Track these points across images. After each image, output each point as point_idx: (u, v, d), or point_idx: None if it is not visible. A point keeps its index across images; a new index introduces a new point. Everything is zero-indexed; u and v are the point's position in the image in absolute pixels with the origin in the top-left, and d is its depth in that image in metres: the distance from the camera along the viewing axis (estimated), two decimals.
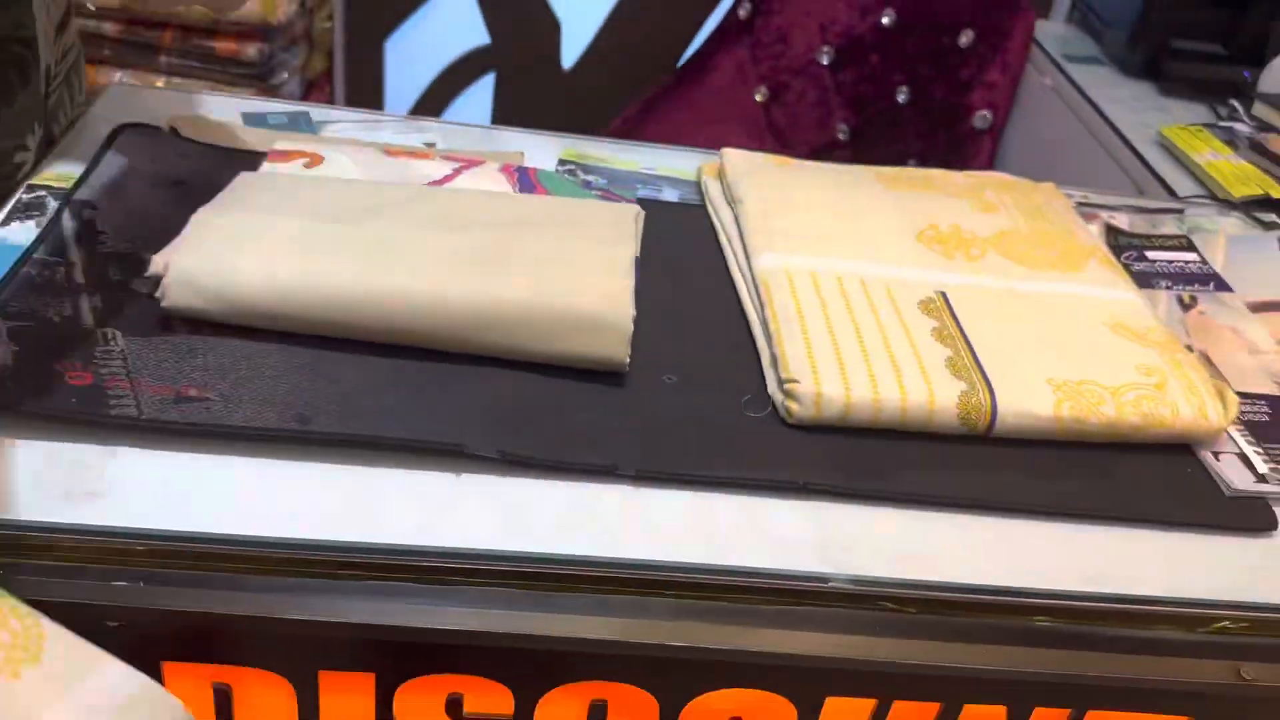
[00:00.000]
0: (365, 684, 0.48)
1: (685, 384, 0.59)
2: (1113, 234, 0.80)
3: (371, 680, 0.48)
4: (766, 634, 0.49)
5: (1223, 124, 1.01)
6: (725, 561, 0.50)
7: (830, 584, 0.50)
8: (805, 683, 0.50)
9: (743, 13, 1.35)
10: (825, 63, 1.32)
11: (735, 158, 0.78)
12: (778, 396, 0.58)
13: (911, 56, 1.28)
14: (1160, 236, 0.80)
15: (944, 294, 0.66)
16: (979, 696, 0.51)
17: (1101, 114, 1.05)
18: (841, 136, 1.35)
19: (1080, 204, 0.84)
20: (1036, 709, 0.52)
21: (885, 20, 1.28)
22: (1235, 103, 1.05)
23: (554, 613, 0.48)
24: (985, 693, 0.51)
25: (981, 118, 1.25)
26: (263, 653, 0.47)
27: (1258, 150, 0.95)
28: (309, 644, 0.47)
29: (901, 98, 1.30)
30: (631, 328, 0.58)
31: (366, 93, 1.60)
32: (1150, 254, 0.78)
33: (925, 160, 1.29)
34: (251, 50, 1.28)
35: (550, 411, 0.55)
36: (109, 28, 1.26)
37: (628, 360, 0.58)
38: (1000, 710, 0.52)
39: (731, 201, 0.74)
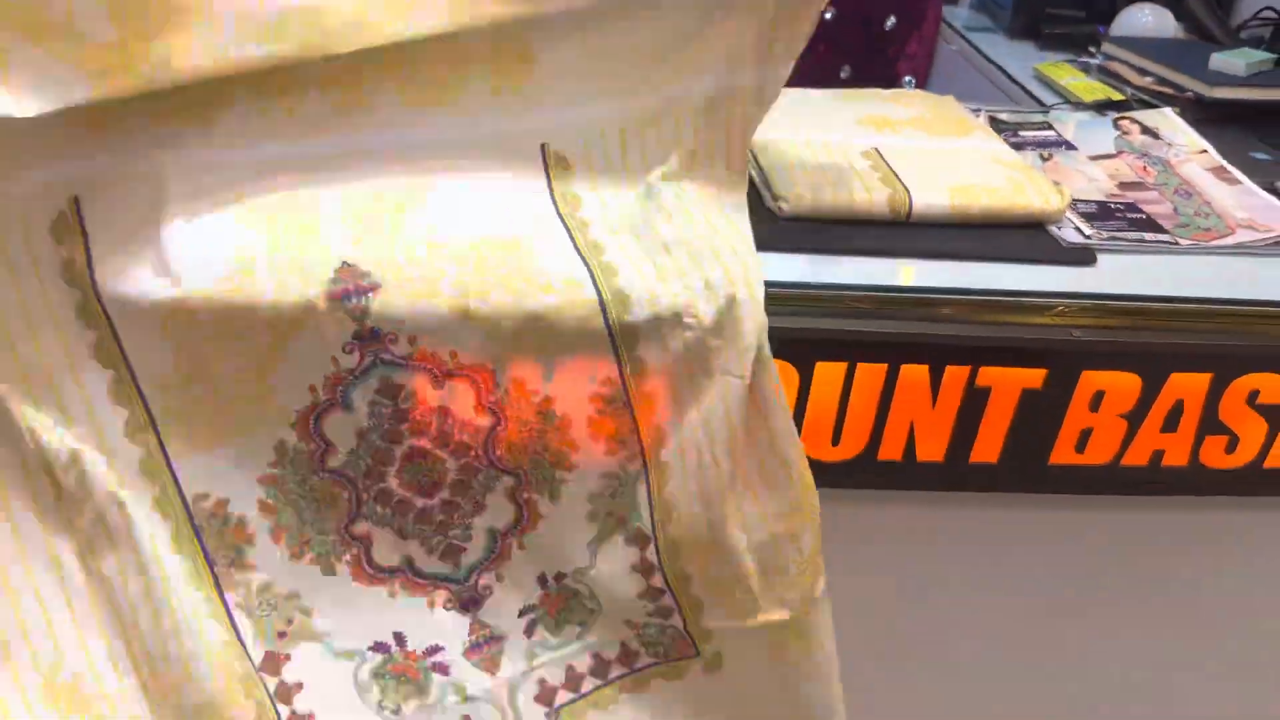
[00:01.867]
0: None
1: None
2: (995, 123, 1.13)
3: None
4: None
5: (1081, 60, 1.36)
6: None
7: (808, 288, 0.82)
8: (800, 353, 0.81)
9: None
10: None
11: None
12: (771, 203, 0.90)
13: (850, 42, 1.63)
14: (1029, 123, 1.13)
15: (876, 148, 0.98)
16: (915, 358, 0.83)
17: (993, 62, 1.39)
18: None
19: (973, 109, 1.17)
20: (948, 366, 0.83)
21: (828, 15, 1.63)
22: (1093, 49, 1.40)
23: None
24: (920, 356, 0.83)
25: (907, 82, 1.59)
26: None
27: (1104, 73, 1.29)
28: None
29: (844, 75, 1.64)
30: None
31: None
32: (1021, 132, 1.11)
33: None
34: None
35: None
36: None
37: None
38: (923, 369, 0.83)
39: None
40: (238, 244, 0.65)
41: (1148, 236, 0.93)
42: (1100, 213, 0.96)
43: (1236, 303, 0.87)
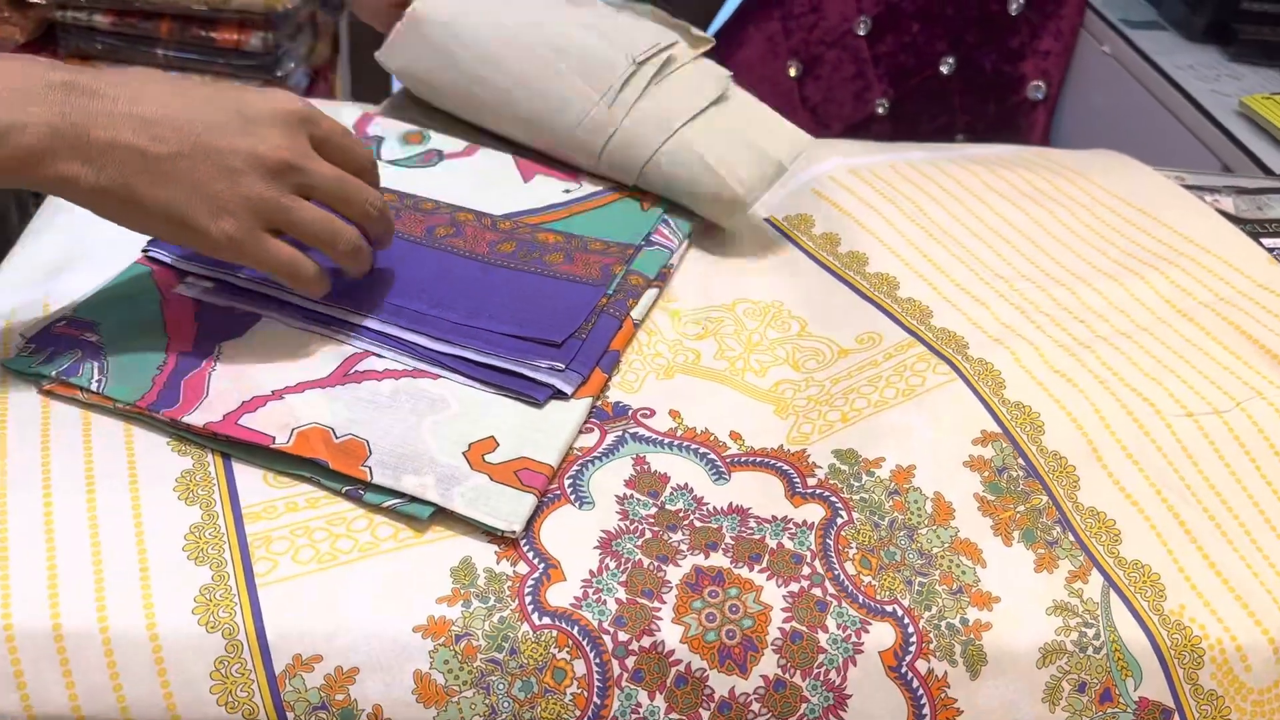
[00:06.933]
0: None
1: None
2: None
3: None
4: None
5: None
6: None
7: None
8: None
9: None
10: (862, 33, 1.25)
11: None
12: None
13: (956, 24, 1.21)
14: (1273, 221, 0.74)
15: None
16: None
17: (1173, 82, 0.99)
18: (880, 110, 1.28)
19: (1168, 175, 0.78)
20: None
21: None
22: None
23: None
24: None
25: (1035, 88, 1.18)
26: None
27: None
28: None
29: (945, 68, 1.23)
30: None
31: (371, 78, 1.53)
32: (1265, 240, 0.72)
33: (973, 134, 1.23)
34: (255, 40, 1.20)
35: None
36: (100, 20, 1.17)
37: None
38: None
39: None
40: None
41: None
42: None
43: None
